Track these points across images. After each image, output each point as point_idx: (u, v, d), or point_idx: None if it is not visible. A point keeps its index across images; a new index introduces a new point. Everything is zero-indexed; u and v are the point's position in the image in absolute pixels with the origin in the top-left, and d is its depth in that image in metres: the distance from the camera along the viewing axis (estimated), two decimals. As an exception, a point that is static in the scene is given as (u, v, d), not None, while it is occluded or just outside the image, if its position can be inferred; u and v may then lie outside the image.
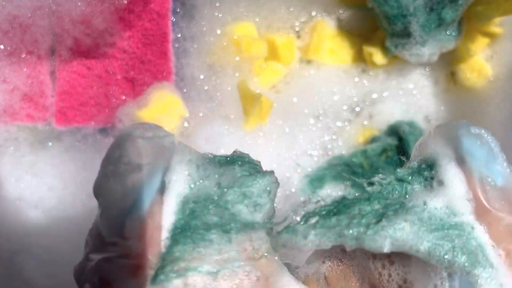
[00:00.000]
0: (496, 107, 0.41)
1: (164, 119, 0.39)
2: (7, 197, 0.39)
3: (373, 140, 0.43)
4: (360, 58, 0.43)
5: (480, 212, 0.23)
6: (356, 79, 0.43)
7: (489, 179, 0.23)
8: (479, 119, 0.42)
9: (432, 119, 0.43)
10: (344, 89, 0.43)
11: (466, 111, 0.43)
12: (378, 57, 0.42)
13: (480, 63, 0.42)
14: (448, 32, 0.40)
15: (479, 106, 0.42)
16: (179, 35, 0.41)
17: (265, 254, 0.22)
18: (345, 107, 0.43)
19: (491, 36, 0.42)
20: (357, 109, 0.43)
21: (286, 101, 0.42)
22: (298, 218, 0.24)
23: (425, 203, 0.23)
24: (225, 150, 0.39)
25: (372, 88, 0.43)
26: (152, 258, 0.21)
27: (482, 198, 0.23)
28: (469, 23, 0.41)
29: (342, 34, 0.43)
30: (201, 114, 0.41)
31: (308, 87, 0.42)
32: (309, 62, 0.43)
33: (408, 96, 0.43)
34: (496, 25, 0.42)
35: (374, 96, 0.43)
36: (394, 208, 0.23)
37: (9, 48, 0.39)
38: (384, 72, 0.43)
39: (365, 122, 0.43)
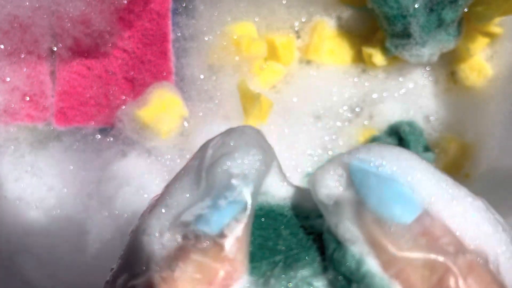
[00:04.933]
0: (496, 106, 0.41)
1: (164, 119, 0.39)
2: (7, 197, 0.39)
3: (373, 140, 0.43)
4: (360, 59, 0.43)
5: (387, 262, 0.19)
6: (356, 79, 0.43)
7: (390, 220, 0.19)
8: (479, 119, 0.42)
9: (433, 119, 0.43)
10: (344, 89, 0.43)
11: (466, 110, 0.43)
12: (377, 58, 0.42)
13: (480, 63, 0.42)
14: (448, 33, 0.40)
15: (479, 105, 0.42)
16: (179, 35, 0.41)
17: None
18: (345, 107, 0.43)
19: (491, 36, 0.42)
20: (357, 109, 0.43)
21: (286, 101, 0.42)
22: None
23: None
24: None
25: (372, 88, 0.43)
26: None
27: (386, 245, 0.18)
28: (468, 23, 0.41)
29: (342, 35, 0.43)
30: (201, 114, 0.41)
31: (308, 87, 0.42)
32: (308, 62, 0.43)
33: (408, 96, 0.43)
34: (496, 25, 0.42)
35: (374, 96, 0.43)
36: None
37: (9, 48, 0.39)
38: (384, 72, 0.43)
39: (365, 122, 0.43)
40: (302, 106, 0.42)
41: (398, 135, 0.42)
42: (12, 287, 0.39)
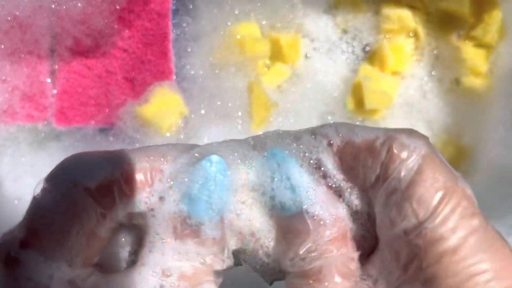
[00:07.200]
0: (497, 107, 0.41)
1: (165, 118, 0.39)
2: (7, 197, 0.39)
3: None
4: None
5: None
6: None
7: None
8: (479, 119, 0.42)
9: (433, 123, 0.43)
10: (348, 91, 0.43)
11: (467, 112, 0.43)
12: None
13: (481, 65, 0.42)
14: None
15: (480, 106, 0.42)
16: (180, 35, 0.41)
17: None
18: (350, 109, 0.43)
19: (490, 48, 0.42)
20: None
21: (291, 100, 0.42)
22: None
23: None
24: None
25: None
26: None
27: None
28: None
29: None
30: (202, 112, 0.41)
31: (313, 88, 0.42)
32: (314, 64, 0.43)
33: (410, 99, 0.43)
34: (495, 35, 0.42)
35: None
36: None
37: (9, 48, 0.39)
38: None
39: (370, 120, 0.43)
40: (307, 107, 0.42)
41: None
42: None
